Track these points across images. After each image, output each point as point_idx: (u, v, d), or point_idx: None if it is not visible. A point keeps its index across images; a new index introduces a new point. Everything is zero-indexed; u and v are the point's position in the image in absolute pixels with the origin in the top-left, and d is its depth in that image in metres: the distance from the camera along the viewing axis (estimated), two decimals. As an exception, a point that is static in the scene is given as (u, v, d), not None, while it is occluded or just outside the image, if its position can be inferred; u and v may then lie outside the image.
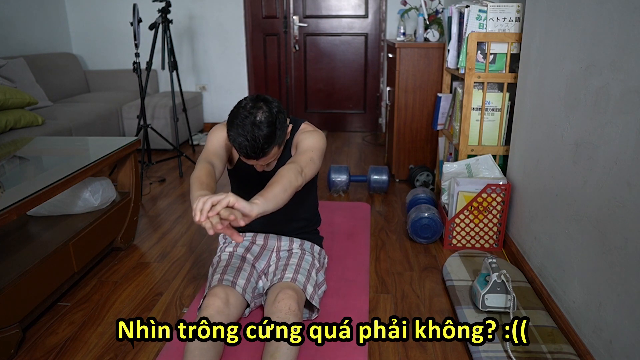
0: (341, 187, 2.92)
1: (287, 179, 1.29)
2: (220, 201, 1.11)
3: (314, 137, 1.53)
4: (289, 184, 1.28)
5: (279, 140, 1.40)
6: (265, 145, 1.35)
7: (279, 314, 1.38)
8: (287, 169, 1.33)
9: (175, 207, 2.80)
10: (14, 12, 3.81)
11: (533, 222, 1.89)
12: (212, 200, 1.11)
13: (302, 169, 1.38)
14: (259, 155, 1.37)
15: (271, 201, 1.21)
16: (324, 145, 1.54)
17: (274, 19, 4.42)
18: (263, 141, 1.34)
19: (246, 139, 1.33)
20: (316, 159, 1.47)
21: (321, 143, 1.53)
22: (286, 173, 1.31)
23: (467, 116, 2.24)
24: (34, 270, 1.61)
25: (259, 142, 1.34)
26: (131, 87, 4.39)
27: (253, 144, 1.34)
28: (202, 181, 1.30)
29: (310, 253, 1.71)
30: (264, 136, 1.34)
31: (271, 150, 1.39)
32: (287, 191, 1.27)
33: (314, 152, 1.48)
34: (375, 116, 4.63)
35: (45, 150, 2.24)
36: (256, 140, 1.33)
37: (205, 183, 1.30)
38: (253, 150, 1.35)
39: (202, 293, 1.79)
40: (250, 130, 1.33)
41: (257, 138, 1.33)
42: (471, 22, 2.18)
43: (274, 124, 1.36)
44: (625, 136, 1.26)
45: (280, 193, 1.24)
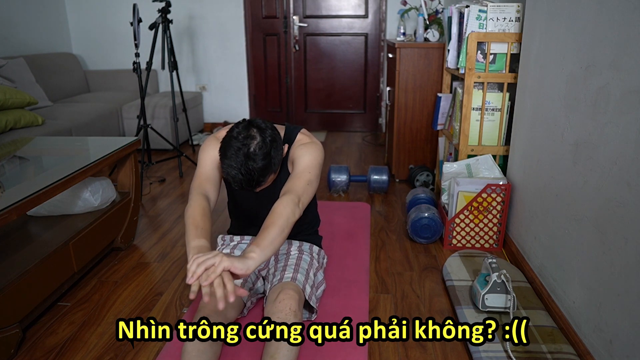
0: (341, 187, 2.92)
1: (284, 217, 1.26)
2: (215, 268, 1.11)
3: (311, 152, 1.48)
4: (286, 223, 1.26)
5: (274, 169, 1.37)
6: (260, 178, 1.33)
7: (280, 314, 1.38)
8: (284, 205, 1.29)
9: (175, 207, 2.80)
10: (14, 12, 3.81)
11: (533, 222, 1.89)
12: (206, 264, 1.11)
13: (300, 198, 1.34)
14: (254, 187, 1.35)
15: (268, 249, 1.20)
16: (321, 159, 1.50)
17: (274, 19, 4.42)
18: (258, 174, 1.31)
19: (240, 173, 1.29)
20: (314, 180, 1.44)
21: (318, 158, 1.48)
22: (282, 210, 1.27)
23: (467, 116, 2.24)
24: (34, 270, 1.61)
25: (254, 175, 1.30)
26: (131, 87, 4.39)
27: (248, 177, 1.30)
28: (197, 225, 1.28)
29: (309, 253, 1.71)
30: (259, 169, 1.30)
31: (267, 180, 1.37)
32: (285, 231, 1.25)
33: (311, 172, 1.43)
34: (375, 116, 4.63)
35: (45, 150, 2.24)
36: (251, 174, 1.30)
37: (200, 227, 1.28)
38: (248, 183, 1.32)
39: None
40: (244, 163, 1.29)
41: (251, 171, 1.30)
42: (471, 22, 2.18)
43: (269, 154, 1.32)
44: (625, 136, 1.26)
45: (277, 237, 1.22)
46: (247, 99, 4.62)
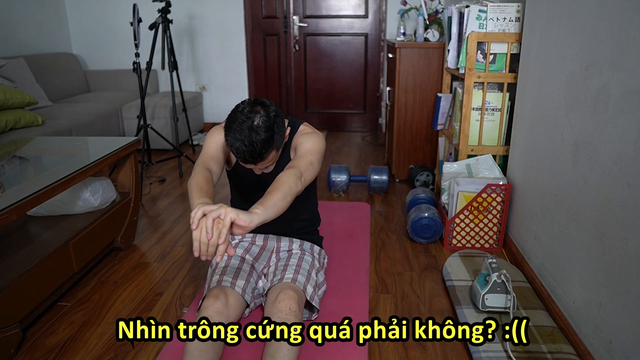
0: (341, 187, 2.92)
1: (287, 185, 1.29)
2: (224, 221, 1.12)
3: (313, 139, 1.52)
4: (289, 190, 1.28)
5: (276, 144, 1.40)
6: (262, 150, 1.35)
7: (280, 314, 1.38)
8: (287, 175, 1.32)
9: (175, 207, 2.80)
10: (14, 12, 3.81)
11: (533, 222, 1.89)
12: (213, 215, 1.12)
13: (302, 173, 1.37)
14: (257, 159, 1.37)
15: (271, 209, 1.22)
16: (323, 147, 1.53)
17: (274, 19, 4.42)
18: (261, 146, 1.34)
19: (244, 144, 1.33)
20: (315, 162, 1.46)
21: (320, 145, 1.52)
22: (286, 179, 1.30)
23: (467, 116, 2.24)
24: (34, 270, 1.61)
25: (256, 147, 1.33)
26: (131, 87, 4.39)
27: (251, 148, 1.33)
28: (200, 187, 1.30)
29: (310, 253, 1.71)
30: (262, 141, 1.34)
31: (269, 155, 1.39)
32: (287, 198, 1.27)
33: (313, 156, 1.47)
34: (375, 116, 4.63)
35: (45, 150, 2.24)
36: (254, 145, 1.33)
37: (205, 190, 1.30)
38: (251, 155, 1.35)
39: (202, 293, 1.79)
40: (248, 135, 1.32)
41: (254, 143, 1.33)
42: (471, 22, 2.18)
43: (271, 128, 1.35)
44: (625, 136, 1.26)
45: (280, 201, 1.25)
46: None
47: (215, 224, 1.13)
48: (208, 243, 1.13)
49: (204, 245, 1.13)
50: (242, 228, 1.16)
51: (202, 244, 1.13)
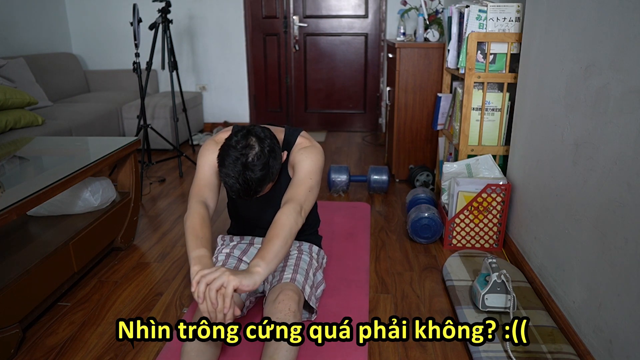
0: (341, 187, 2.92)
1: (288, 228, 1.27)
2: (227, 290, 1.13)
3: (311, 157, 1.48)
4: (289, 233, 1.27)
5: (272, 178, 1.37)
6: (258, 188, 1.33)
7: (279, 314, 1.38)
8: (287, 214, 1.30)
9: (175, 207, 2.80)
10: (14, 12, 3.81)
11: (533, 222, 1.89)
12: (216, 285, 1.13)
13: (302, 206, 1.35)
14: (252, 196, 1.36)
15: (273, 262, 1.21)
16: (322, 163, 1.50)
17: (274, 19, 4.42)
18: (256, 184, 1.32)
19: (238, 182, 1.30)
20: (315, 185, 1.44)
21: (319, 162, 1.49)
22: (285, 220, 1.28)
23: (467, 116, 2.24)
24: (34, 270, 1.61)
25: (251, 185, 1.31)
26: (131, 87, 4.39)
27: (245, 187, 1.31)
28: (197, 234, 1.30)
29: (308, 253, 1.71)
30: (257, 179, 1.31)
31: (264, 190, 1.37)
32: (289, 242, 1.26)
33: (312, 179, 1.44)
34: (375, 116, 4.63)
35: (45, 150, 2.24)
36: (248, 184, 1.30)
37: (201, 236, 1.30)
38: (245, 193, 1.33)
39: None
40: (242, 173, 1.29)
41: (249, 181, 1.30)
42: (471, 22, 2.18)
43: (267, 164, 1.32)
44: (625, 136, 1.26)
45: (281, 249, 1.24)
46: (247, 99, 4.63)
47: (219, 294, 1.13)
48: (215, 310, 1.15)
49: (212, 314, 1.15)
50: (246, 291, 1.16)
51: (211, 313, 1.15)
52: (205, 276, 1.14)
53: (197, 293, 1.13)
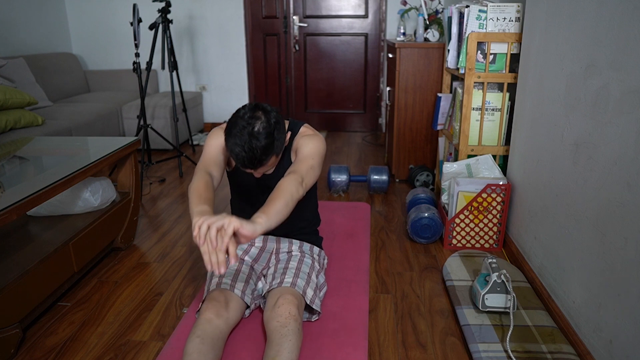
0: (341, 187, 2.92)
1: (289, 192, 1.29)
2: (226, 230, 1.12)
3: (314, 142, 1.52)
4: (291, 197, 1.29)
5: (276, 150, 1.40)
6: (262, 156, 1.36)
7: (279, 318, 1.38)
8: (288, 181, 1.32)
9: (175, 207, 2.80)
10: (14, 12, 3.81)
11: (533, 222, 1.89)
12: (217, 225, 1.12)
13: (303, 178, 1.37)
14: (257, 165, 1.37)
15: (274, 218, 1.22)
16: (323, 150, 1.53)
17: (274, 19, 4.42)
18: (261, 152, 1.34)
19: (243, 150, 1.33)
20: (316, 166, 1.47)
21: (321, 148, 1.52)
22: (287, 186, 1.31)
23: (467, 116, 2.24)
24: (34, 270, 1.61)
25: (256, 153, 1.34)
26: (131, 87, 4.39)
27: (250, 155, 1.34)
28: (200, 194, 1.30)
29: (310, 255, 1.71)
30: (262, 147, 1.34)
31: (269, 160, 1.39)
32: (289, 205, 1.28)
33: (314, 159, 1.47)
34: (375, 116, 4.63)
35: (45, 150, 2.24)
36: (254, 151, 1.33)
37: (204, 196, 1.30)
38: (250, 161, 1.35)
39: (201, 294, 1.79)
40: (248, 141, 1.32)
41: (254, 149, 1.33)
42: (471, 22, 2.18)
43: (272, 134, 1.36)
44: (625, 136, 1.26)
45: (282, 209, 1.25)
46: (247, 99, 4.62)
47: (219, 234, 1.13)
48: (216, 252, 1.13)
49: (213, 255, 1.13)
50: (246, 237, 1.16)
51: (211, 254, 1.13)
52: (207, 219, 1.14)
53: (198, 234, 1.12)
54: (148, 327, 1.68)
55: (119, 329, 1.68)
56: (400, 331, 1.65)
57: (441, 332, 1.64)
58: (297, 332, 1.36)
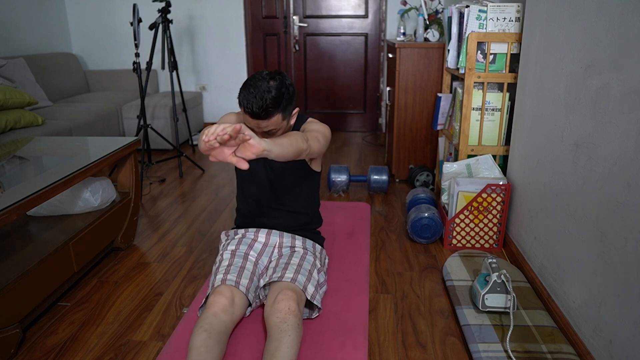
0: (341, 187, 2.92)
1: (294, 136, 1.36)
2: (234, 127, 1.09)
3: (320, 125, 1.62)
4: (295, 141, 1.35)
5: (283, 108, 1.46)
6: (270, 106, 1.42)
7: (279, 314, 1.38)
8: (294, 132, 1.41)
9: (175, 207, 2.80)
10: (14, 12, 3.81)
11: (533, 222, 1.89)
12: (225, 126, 1.10)
13: (308, 138, 1.45)
14: (262, 114, 1.42)
15: (278, 146, 1.24)
16: (329, 135, 1.62)
17: (274, 19, 4.42)
18: (270, 101, 1.41)
19: (254, 96, 1.41)
20: (321, 140, 1.54)
21: (326, 132, 1.61)
22: (293, 133, 1.39)
23: (467, 116, 2.24)
24: (34, 270, 1.61)
25: (265, 101, 1.41)
26: (131, 87, 4.39)
27: (260, 102, 1.41)
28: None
29: (312, 252, 1.71)
30: (272, 97, 1.42)
31: (275, 114, 1.45)
32: (293, 146, 1.32)
33: (320, 134, 1.55)
34: (375, 116, 4.63)
35: (45, 150, 2.24)
36: (263, 99, 1.41)
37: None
38: (259, 107, 1.41)
39: (202, 293, 1.79)
40: (260, 91, 1.41)
41: (265, 97, 1.41)
42: (471, 22, 2.18)
43: (282, 92, 1.44)
44: (625, 136, 1.26)
45: (287, 144, 1.29)
46: (247, 99, 4.62)
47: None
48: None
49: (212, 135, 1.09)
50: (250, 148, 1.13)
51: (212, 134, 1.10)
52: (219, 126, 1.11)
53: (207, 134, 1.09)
54: (148, 327, 1.68)
55: (119, 329, 1.68)
56: (400, 331, 1.65)
57: (441, 332, 1.64)
58: (296, 327, 1.36)
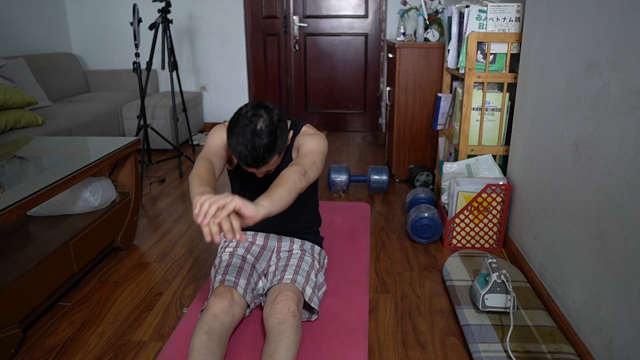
0: (341, 187, 2.92)
1: (292, 180, 1.28)
2: (226, 205, 1.09)
3: (316, 140, 1.52)
4: (294, 185, 1.27)
5: (279, 149, 1.39)
6: (265, 155, 1.34)
7: (278, 314, 1.38)
8: (291, 171, 1.32)
9: (175, 207, 2.80)
10: (14, 12, 3.81)
11: (533, 222, 1.89)
12: (218, 204, 1.09)
13: (306, 171, 1.37)
14: (259, 164, 1.36)
15: (277, 203, 1.20)
16: (325, 148, 1.53)
17: (274, 19, 4.42)
18: (263, 150, 1.33)
19: (246, 148, 1.32)
20: (318, 162, 1.46)
21: (323, 146, 1.52)
22: (290, 175, 1.30)
23: (467, 116, 2.24)
24: (34, 270, 1.61)
25: (259, 152, 1.33)
26: (131, 87, 4.39)
27: (253, 153, 1.32)
28: (202, 177, 1.28)
29: (311, 254, 1.71)
30: (265, 145, 1.33)
31: (271, 159, 1.38)
32: (292, 193, 1.27)
33: (316, 155, 1.46)
34: (375, 116, 4.63)
35: (45, 150, 2.24)
36: (256, 150, 1.32)
37: (206, 179, 1.28)
38: (253, 159, 1.34)
39: (202, 293, 1.79)
40: (251, 139, 1.31)
41: (257, 147, 1.32)
42: (471, 22, 2.18)
43: (274, 132, 1.34)
44: (625, 136, 1.26)
45: (285, 195, 1.24)
46: (247, 99, 4.62)
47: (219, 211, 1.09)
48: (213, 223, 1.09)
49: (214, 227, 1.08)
50: (247, 218, 1.13)
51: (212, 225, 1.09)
52: (209, 197, 1.10)
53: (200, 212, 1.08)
54: (148, 327, 1.68)
55: (119, 329, 1.68)
56: (400, 331, 1.65)
57: (441, 332, 1.64)
58: (295, 329, 1.36)
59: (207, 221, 1.08)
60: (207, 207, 1.09)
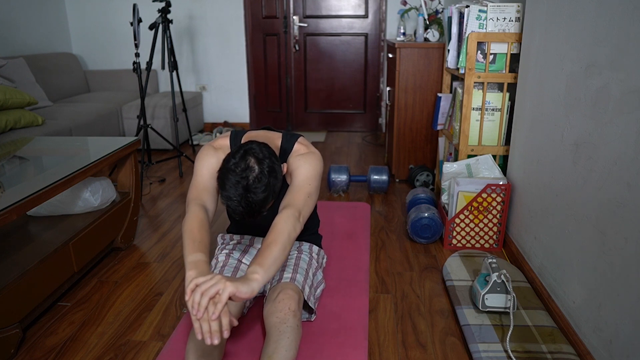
0: (341, 187, 2.92)
1: (286, 233, 1.24)
2: (220, 296, 1.06)
3: (309, 162, 1.45)
4: (288, 239, 1.24)
5: (274, 196, 1.33)
6: (261, 209, 1.30)
7: (279, 313, 1.38)
8: (284, 220, 1.27)
9: (175, 207, 2.80)
10: (14, 12, 3.81)
11: (533, 222, 1.89)
12: (210, 293, 1.06)
13: (300, 212, 1.32)
14: (256, 217, 1.32)
15: (271, 269, 1.17)
16: (320, 169, 1.47)
17: (274, 19, 4.42)
18: (259, 206, 1.28)
19: (240, 205, 1.27)
20: (313, 192, 1.41)
21: (317, 168, 1.45)
22: (284, 226, 1.25)
23: (467, 116, 2.24)
24: (34, 270, 1.61)
25: (254, 207, 1.28)
26: (131, 87, 4.39)
27: (248, 209, 1.28)
28: (194, 238, 1.25)
29: (308, 253, 1.71)
30: (260, 201, 1.28)
31: (267, 207, 1.34)
32: (287, 248, 1.23)
33: (310, 185, 1.41)
34: (375, 116, 4.63)
35: (45, 150, 2.24)
36: (251, 206, 1.27)
37: (198, 240, 1.25)
38: (249, 215, 1.30)
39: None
40: (244, 196, 1.26)
41: (252, 204, 1.27)
42: (471, 22, 2.18)
43: (268, 185, 1.28)
44: (625, 136, 1.26)
45: (280, 255, 1.20)
46: (247, 99, 4.63)
47: (212, 301, 1.07)
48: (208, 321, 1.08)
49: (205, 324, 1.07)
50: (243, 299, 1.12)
51: (202, 322, 1.07)
52: (200, 285, 1.08)
53: (191, 302, 1.07)
54: (148, 327, 1.69)
55: (119, 329, 1.68)
56: (400, 331, 1.65)
57: (441, 332, 1.64)
58: (295, 328, 1.36)
59: (200, 315, 1.06)
60: (199, 298, 1.06)
